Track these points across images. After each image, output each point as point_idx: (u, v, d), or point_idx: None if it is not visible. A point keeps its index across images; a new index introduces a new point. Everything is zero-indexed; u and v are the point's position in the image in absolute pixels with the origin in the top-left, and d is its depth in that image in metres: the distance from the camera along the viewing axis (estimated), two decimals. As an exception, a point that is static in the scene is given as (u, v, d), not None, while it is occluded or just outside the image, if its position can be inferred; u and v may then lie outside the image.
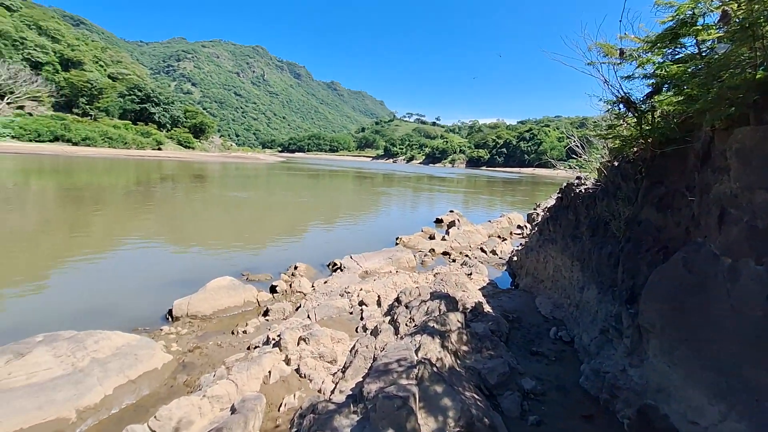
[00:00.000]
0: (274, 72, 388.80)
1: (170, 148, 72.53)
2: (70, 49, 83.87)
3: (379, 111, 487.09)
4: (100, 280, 7.97)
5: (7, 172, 26.85)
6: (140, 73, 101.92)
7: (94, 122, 65.70)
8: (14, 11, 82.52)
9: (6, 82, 59.57)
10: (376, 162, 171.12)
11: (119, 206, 17.61)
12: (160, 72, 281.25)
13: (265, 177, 42.97)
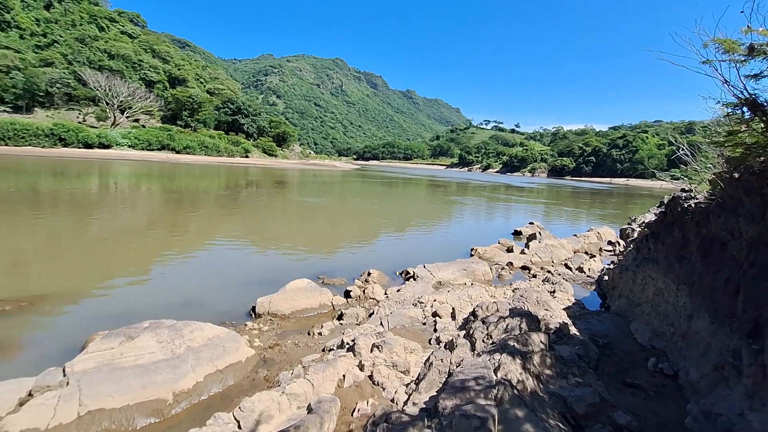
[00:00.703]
0: (351, 82, 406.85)
1: (256, 156, 79.40)
2: (177, 68, 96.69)
3: (454, 118, 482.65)
4: (193, 275, 8.92)
5: (123, 177, 31.59)
6: (233, 88, 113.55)
7: (194, 133, 74.56)
8: (134, 38, 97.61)
9: (126, 99, 70.44)
10: (450, 170, 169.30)
11: (210, 208, 19.66)
12: (250, 86, 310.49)
13: (340, 184, 44.85)
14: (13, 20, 79.50)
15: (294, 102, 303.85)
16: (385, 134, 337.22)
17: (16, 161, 36.35)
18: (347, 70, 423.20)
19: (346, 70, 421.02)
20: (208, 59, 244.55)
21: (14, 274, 8.29)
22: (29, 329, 5.71)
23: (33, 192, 20.01)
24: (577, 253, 14.36)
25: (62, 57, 76.73)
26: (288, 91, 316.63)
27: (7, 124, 50.04)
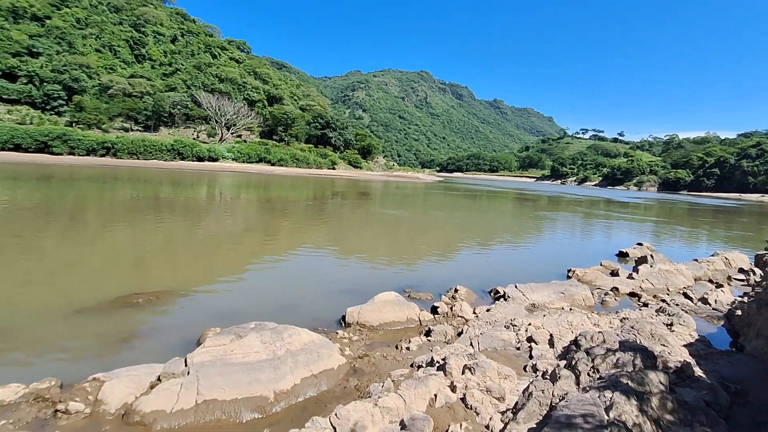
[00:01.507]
0: (436, 94, 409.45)
1: (342, 168, 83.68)
2: (274, 88, 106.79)
3: (546, 128, 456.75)
4: (285, 280, 9.62)
5: (226, 187, 35.53)
6: (323, 104, 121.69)
7: (287, 146, 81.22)
8: (240, 63, 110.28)
9: (232, 117, 79.58)
10: (541, 183, 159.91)
11: (299, 217, 21.11)
12: (338, 101, 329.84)
13: (422, 196, 45.05)
14: (147, 54, 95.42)
15: (379, 115, 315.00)
16: (469, 145, 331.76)
17: (144, 172, 43.14)
18: (432, 82, 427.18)
19: (430, 82, 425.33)
20: (301, 78, 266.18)
21: (140, 270, 9.78)
22: (157, 320, 6.65)
23: (155, 199, 23.53)
24: (698, 281, 12.48)
25: (183, 82, 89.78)
26: (373, 104, 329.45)
27: (138, 141, 59.79)
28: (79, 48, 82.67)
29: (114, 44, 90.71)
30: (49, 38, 80.00)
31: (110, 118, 70.67)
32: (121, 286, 8.08)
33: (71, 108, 69.18)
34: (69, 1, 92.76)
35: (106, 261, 10.34)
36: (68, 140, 54.74)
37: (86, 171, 39.67)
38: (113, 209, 19.08)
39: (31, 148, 52.26)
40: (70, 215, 16.76)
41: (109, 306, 6.90)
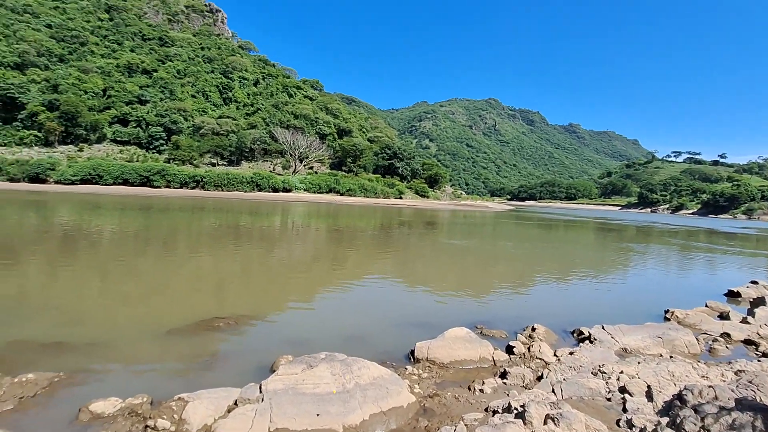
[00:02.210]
0: (505, 121, 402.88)
1: (409, 197, 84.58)
2: (344, 121, 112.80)
3: (630, 152, 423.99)
4: (353, 310, 9.72)
5: (298, 216, 37.54)
6: (390, 135, 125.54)
7: (355, 177, 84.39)
8: (313, 100, 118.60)
9: (305, 150, 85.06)
10: (626, 212, 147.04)
11: (366, 246, 21.49)
12: (405, 132, 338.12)
13: (492, 225, 43.65)
14: (233, 96, 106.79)
15: (446, 144, 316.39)
16: (543, 172, 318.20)
17: (227, 203, 47.31)
18: (501, 110, 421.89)
19: (499, 109, 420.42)
20: (369, 111, 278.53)
21: (220, 294, 10.55)
22: (234, 344, 7.05)
23: (235, 227, 25.54)
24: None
25: (262, 120, 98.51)
26: (440, 134, 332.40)
27: (223, 174, 66.10)
28: (178, 95, 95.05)
29: (206, 90, 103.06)
30: (155, 88, 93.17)
31: (200, 155, 79.44)
32: (203, 310, 8.76)
33: (169, 147, 79.10)
34: (172, 56, 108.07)
35: (192, 284, 11.32)
36: (166, 175, 62.28)
37: (179, 202, 44.55)
38: (199, 237, 21.06)
39: (136, 182, 60.24)
40: (164, 242, 18.78)
41: (194, 328, 7.48)
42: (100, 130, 79.70)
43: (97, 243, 17.14)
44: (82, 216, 27.26)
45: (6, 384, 4.76)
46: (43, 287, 10.30)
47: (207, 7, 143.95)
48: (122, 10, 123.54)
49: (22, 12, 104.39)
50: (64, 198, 41.67)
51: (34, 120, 74.67)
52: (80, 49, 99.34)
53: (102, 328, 7.40)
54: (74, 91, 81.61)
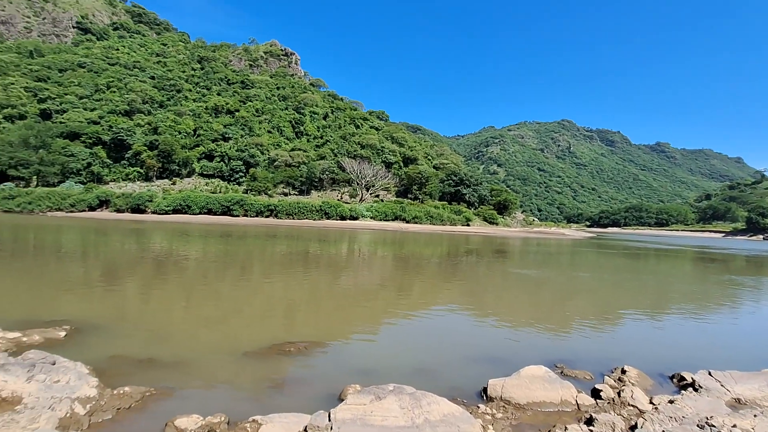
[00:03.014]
0: (581, 143, 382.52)
1: (477, 224, 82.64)
2: (409, 150, 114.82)
3: (733, 171, 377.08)
4: (420, 340, 9.52)
5: (364, 243, 38.27)
6: (456, 161, 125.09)
7: (421, 204, 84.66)
8: (379, 130, 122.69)
9: (371, 179, 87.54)
10: (732, 239, 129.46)
11: (433, 274, 21.16)
12: (471, 158, 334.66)
13: (569, 254, 40.83)
14: (304, 130, 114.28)
15: (515, 169, 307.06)
16: (627, 196, 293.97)
17: (297, 230, 49.82)
18: (575, 131, 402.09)
19: (574, 130, 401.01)
20: (435, 138, 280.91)
21: (290, 319, 10.99)
22: (304, 370, 7.24)
23: (304, 254, 26.68)
24: None
25: (331, 151, 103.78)
26: (509, 158, 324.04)
27: (294, 203, 70.05)
28: (256, 131, 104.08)
29: (281, 125, 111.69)
30: (236, 126, 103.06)
31: (274, 185, 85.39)
32: (276, 334, 9.17)
33: (247, 178, 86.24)
34: (252, 97, 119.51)
35: (264, 308, 11.96)
36: (244, 204, 67.58)
37: (254, 229, 47.87)
38: (272, 263, 22.31)
39: (218, 212, 66.04)
40: (241, 267, 20.17)
41: (267, 352, 7.83)
42: (190, 165, 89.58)
43: (184, 267, 18.91)
44: (172, 243, 30.34)
45: (107, 395, 5.31)
46: (138, 307, 11.52)
47: (282, 51, 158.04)
48: (211, 60, 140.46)
49: (132, 67, 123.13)
50: (158, 226, 46.85)
51: (138, 158, 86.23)
52: (176, 95, 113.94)
53: (186, 346, 8.04)
54: (170, 132, 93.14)
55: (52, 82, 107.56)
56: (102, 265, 19.09)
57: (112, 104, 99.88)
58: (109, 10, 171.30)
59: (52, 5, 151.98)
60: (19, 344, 7.15)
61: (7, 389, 4.69)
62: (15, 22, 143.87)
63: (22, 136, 76.30)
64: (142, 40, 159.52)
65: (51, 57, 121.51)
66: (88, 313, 9.88)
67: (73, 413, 4.67)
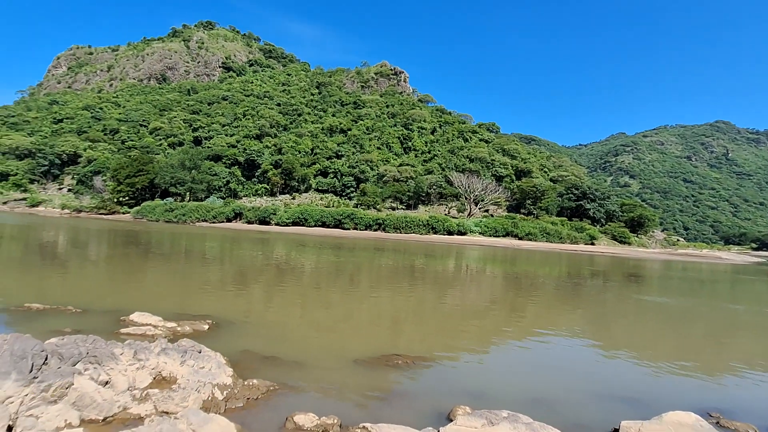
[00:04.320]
0: (743, 147, 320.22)
1: (603, 243, 74.51)
2: (522, 162, 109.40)
3: None
4: (535, 367, 8.86)
5: (472, 260, 37.28)
6: (577, 173, 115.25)
7: (536, 220, 79.66)
8: (489, 142, 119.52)
9: (480, 193, 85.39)
10: None
11: (549, 296, 19.57)
12: (597, 169, 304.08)
13: (727, 282, 34.18)
14: (412, 145, 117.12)
15: (653, 180, 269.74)
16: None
17: (404, 244, 50.85)
18: (734, 133, 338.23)
19: (732, 133, 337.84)
20: (552, 149, 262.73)
21: (396, 331, 11.24)
22: (411, 383, 7.32)
23: (410, 268, 27.05)
24: None
25: (438, 166, 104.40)
26: (644, 169, 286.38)
27: (401, 217, 71.80)
28: (366, 148, 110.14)
29: (389, 141, 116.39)
30: (348, 144, 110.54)
31: (383, 200, 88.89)
32: (383, 344, 9.47)
33: (358, 193, 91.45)
34: (363, 116, 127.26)
35: (372, 318, 12.44)
36: (354, 218, 71.64)
37: (363, 242, 50.30)
38: (379, 275, 23.13)
39: (331, 225, 71.09)
40: (350, 277, 21.34)
41: (376, 361, 8.11)
42: (308, 182, 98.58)
43: (300, 275, 20.74)
44: (291, 252, 33.54)
45: (239, 385, 6.07)
46: (262, 308, 12.99)
47: (392, 71, 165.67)
48: (327, 85, 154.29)
49: (263, 97, 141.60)
50: (280, 236, 52.29)
51: (265, 176, 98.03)
52: (298, 118, 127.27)
53: (301, 348, 8.78)
54: (292, 151, 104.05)
55: (203, 113, 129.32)
56: (235, 269, 21.99)
57: (246, 130, 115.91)
58: (246, 50, 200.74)
59: (204, 51, 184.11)
60: (175, 333, 8.62)
61: (167, 369, 5.67)
62: (178, 68, 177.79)
63: (180, 159, 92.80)
64: (271, 72, 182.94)
65: (203, 93, 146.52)
66: (224, 311, 11.45)
67: (213, 397, 5.44)
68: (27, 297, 11.15)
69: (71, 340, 5.41)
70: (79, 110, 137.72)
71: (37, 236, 34.77)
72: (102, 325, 8.91)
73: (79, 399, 4.53)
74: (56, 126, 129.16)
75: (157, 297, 13.49)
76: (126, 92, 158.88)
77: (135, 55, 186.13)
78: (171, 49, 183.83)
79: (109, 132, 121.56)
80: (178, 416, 4.51)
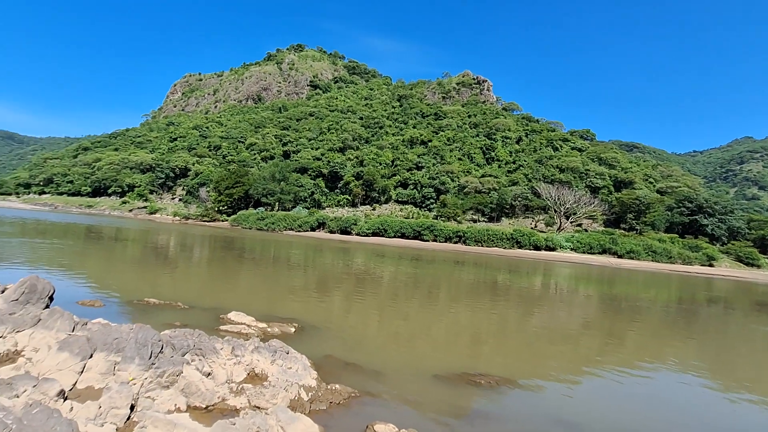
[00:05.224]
0: None
1: (725, 265, 65.01)
2: (623, 172, 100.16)
3: None
4: (639, 403, 7.95)
5: (563, 278, 34.79)
6: (691, 184, 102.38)
7: (639, 236, 72.19)
8: (583, 151, 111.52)
9: (572, 206, 79.81)
10: None
11: (654, 323, 17.51)
12: (716, 179, 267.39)
13: None
14: (495, 156, 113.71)
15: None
16: None
17: (486, 258, 49.24)
18: None
19: None
20: (659, 157, 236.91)
21: (476, 349, 10.91)
22: (496, 406, 7.04)
23: (492, 284, 26.06)
24: None
25: (524, 176, 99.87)
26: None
27: (483, 230, 69.76)
28: (447, 159, 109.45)
29: (471, 152, 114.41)
30: (429, 155, 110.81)
31: (463, 212, 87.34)
32: (464, 362, 9.25)
33: (437, 205, 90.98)
34: (444, 127, 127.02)
35: (451, 334, 12.22)
36: (433, 230, 71.32)
37: (442, 255, 49.74)
38: (458, 289, 22.66)
39: (410, 236, 71.53)
40: (428, 290, 21.20)
41: (456, 379, 7.95)
42: (388, 193, 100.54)
43: (379, 285, 21.12)
44: (370, 262, 34.33)
45: (323, 389, 6.35)
46: (342, 315, 13.47)
47: (474, 80, 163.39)
48: (408, 97, 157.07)
49: (346, 111, 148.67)
50: (360, 246, 53.87)
51: (347, 187, 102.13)
52: (379, 131, 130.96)
53: (380, 357, 8.92)
54: (373, 163, 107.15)
55: (292, 129, 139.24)
56: (318, 276, 23.12)
57: (330, 143, 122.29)
58: (331, 68, 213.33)
59: (294, 71, 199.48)
60: (266, 333, 9.31)
61: (259, 367, 6.15)
62: (271, 88, 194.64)
63: (271, 172, 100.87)
64: (355, 87, 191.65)
65: (292, 110, 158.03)
66: (308, 315, 12.09)
67: (299, 397, 5.77)
68: (146, 292, 12.87)
69: (181, 333, 6.13)
70: (189, 130, 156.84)
71: (153, 240, 39.97)
72: (204, 321, 9.94)
73: (187, 386, 5.10)
74: (171, 144, 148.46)
75: (249, 298, 14.70)
76: (227, 112, 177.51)
77: (236, 78, 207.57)
78: (266, 71, 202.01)
79: (213, 148, 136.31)
80: (269, 412, 4.86)
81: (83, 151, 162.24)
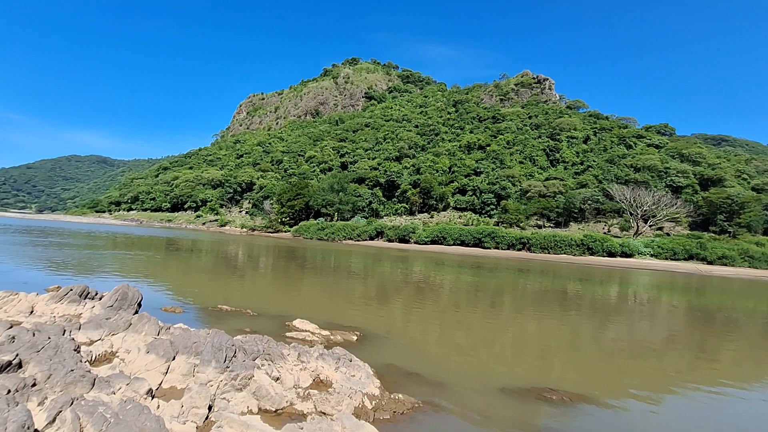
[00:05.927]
0: None
1: (840, 272, 56.58)
2: (710, 168, 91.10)
3: None
4: (728, 426, 7.12)
5: (642, 286, 32.13)
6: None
7: (733, 240, 65.11)
8: (660, 147, 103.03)
9: (650, 208, 73.85)
10: None
11: (754, 336, 15.63)
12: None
13: None
14: (561, 157, 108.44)
15: None
16: None
17: (554, 266, 46.85)
18: None
19: None
20: (753, 150, 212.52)
21: (546, 362, 10.32)
22: (570, 425, 6.64)
23: (562, 293, 24.69)
24: None
25: (594, 178, 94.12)
26: None
27: (549, 236, 66.55)
28: (507, 163, 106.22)
29: (533, 155, 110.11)
30: (487, 160, 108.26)
31: (527, 217, 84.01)
32: (533, 376, 8.83)
33: (498, 211, 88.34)
34: (503, 130, 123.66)
35: (517, 346, 11.73)
36: (495, 237, 69.25)
37: (505, 263, 48.11)
38: (524, 298, 21.74)
39: (470, 243, 70.04)
40: (491, 299, 20.56)
41: (525, 393, 7.62)
42: (445, 200, 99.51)
43: (439, 294, 20.86)
44: (430, 270, 34.05)
45: (386, 398, 6.39)
46: (402, 324, 13.45)
47: (534, 79, 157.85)
48: (464, 102, 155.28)
49: (401, 120, 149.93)
50: (419, 255, 53.69)
51: (404, 195, 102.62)
52: (435, 138, 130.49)
53: (442, 368, 8.78)
54: (429, 171, 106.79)
55: (349, 140, 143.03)
56: (377, 284, 23.35)
57: (386, 152, 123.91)
58: (385, 78, 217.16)
59: (350, 85, 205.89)
60: (329, 341, 9.57)
61: (323, 373, 6.33)
62: (328, 102, 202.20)
63: (329, 183, 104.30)
64: (409, 96, 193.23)
65: (348, 122, 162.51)
66: (369, 323, 12.24)
67: (363, 405, 5.84)
68: (219, 299, 13.78)
69: (251, 339, 6.49)
70: (254, 146, 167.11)
71: (223, 250, 42.75)
72: (271, 328, 10.43)
73: (258, 390, 5.37)
74: (238, 160, 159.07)
75: (312, 306, 15.19)
76: (288, 128, 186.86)
77: (295, 95, 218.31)
78: (322, 86, 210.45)
79: (275, 162, 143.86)
80: (334, 418, 4.98)
81: (163, 170, 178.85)
